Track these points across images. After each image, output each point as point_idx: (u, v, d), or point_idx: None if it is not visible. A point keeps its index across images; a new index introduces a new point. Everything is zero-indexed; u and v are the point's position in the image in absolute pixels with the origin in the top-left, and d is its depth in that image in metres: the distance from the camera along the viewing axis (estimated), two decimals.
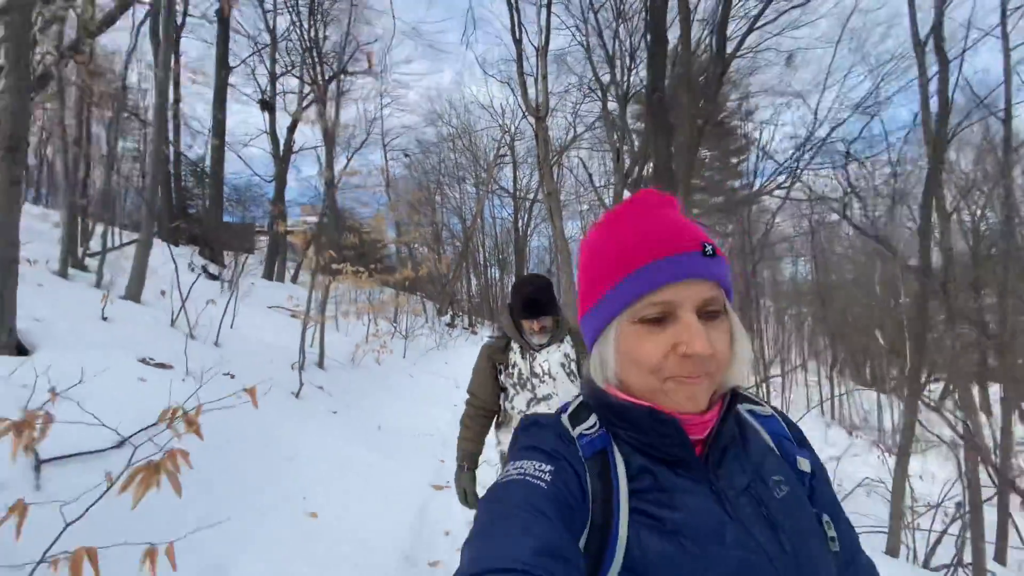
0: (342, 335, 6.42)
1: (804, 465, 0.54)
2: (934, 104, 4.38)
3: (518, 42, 10.19)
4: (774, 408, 0.58)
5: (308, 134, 12.46)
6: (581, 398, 0.56)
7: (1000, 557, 4.39)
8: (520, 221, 21.20)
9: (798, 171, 9.03)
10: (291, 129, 11.07)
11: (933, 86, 4.43)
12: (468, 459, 1.67)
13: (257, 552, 1.70)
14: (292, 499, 2.13)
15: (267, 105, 11.79)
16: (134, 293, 4.18)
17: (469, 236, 17.28)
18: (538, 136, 9.94)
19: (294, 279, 12.51)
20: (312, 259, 4.54)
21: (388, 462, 2.91)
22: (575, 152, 16.62)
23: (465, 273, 20.52)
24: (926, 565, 4.25)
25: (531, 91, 10.42)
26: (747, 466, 0.50)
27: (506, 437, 1.69)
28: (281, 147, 11.00)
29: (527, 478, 0.45)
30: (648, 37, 5.98)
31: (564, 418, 0.53)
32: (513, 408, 1.65)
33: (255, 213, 15.18)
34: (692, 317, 0.46)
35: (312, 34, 12.53)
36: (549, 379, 1.61)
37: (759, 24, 7.97)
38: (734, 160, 19.79)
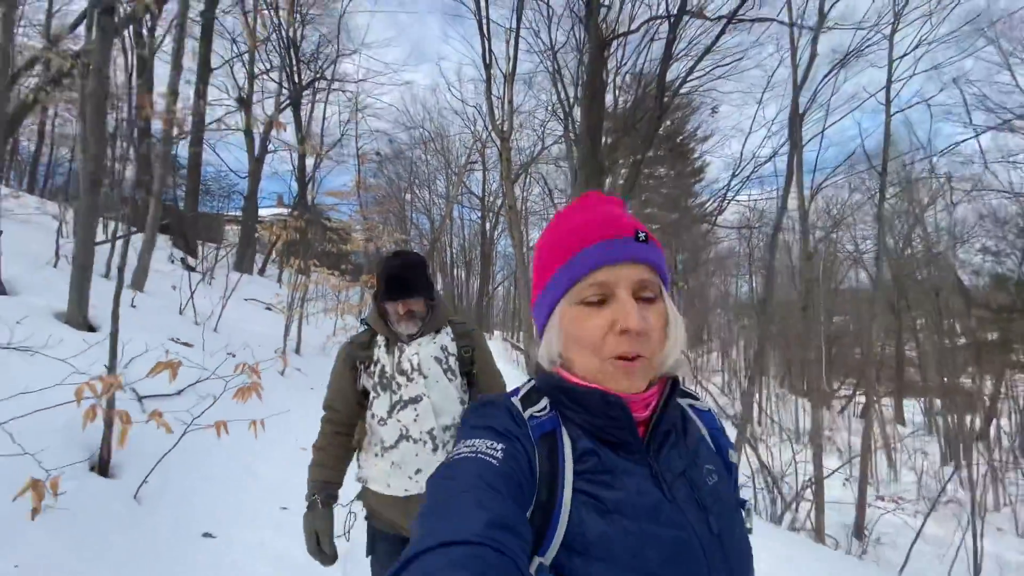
0: (313, 327, 7.29)
1: (733, 457, 0.61)
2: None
3: (488, 66, 11.25)
4: (707, 403, 0.65)
5: (285, 133, 13.15)
6: (533, 382, 0.60)
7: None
8: (488, 224, 22.30)
9: (725, 200, 10.55)
10: (267, 129, 11.72)
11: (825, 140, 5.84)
12: (322, 491, 1.33)
13: (270, 465, 2.69)
14: (287, 439, 3.11)
15: (244, 103, 12.38)
16: (139, 283, 4.99)
17: (436, 238, 18.16)
18: (502, 155, 11.03)
19: (261, 271, 13.11)
20: (293, 262, 5.44)
21: None
22: (544, 164, 17.88)
23: (432, 273, 21.36)
24: (778, 522, 5.62)
25: (499, 111, 11.44)
26: (684, 453, 0.55)
27: (369, 461, 1.35)
28: (256, 146, 11.65)
29: (479, 455, 0.48)
30: (584, 92, 7.14)
31: (515, 400, 0.57)
32: (373, 417, 1.33)
33: (224, 203, 15.62)
34: (627, 296, 0.51)
35: (291, 34, 13.23)
36: (419, 376, 1.32)
37: (692, 77, 9.33)
38: (692, 180, 21.54)
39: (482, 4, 10.85)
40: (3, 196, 6.66)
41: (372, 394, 1.34)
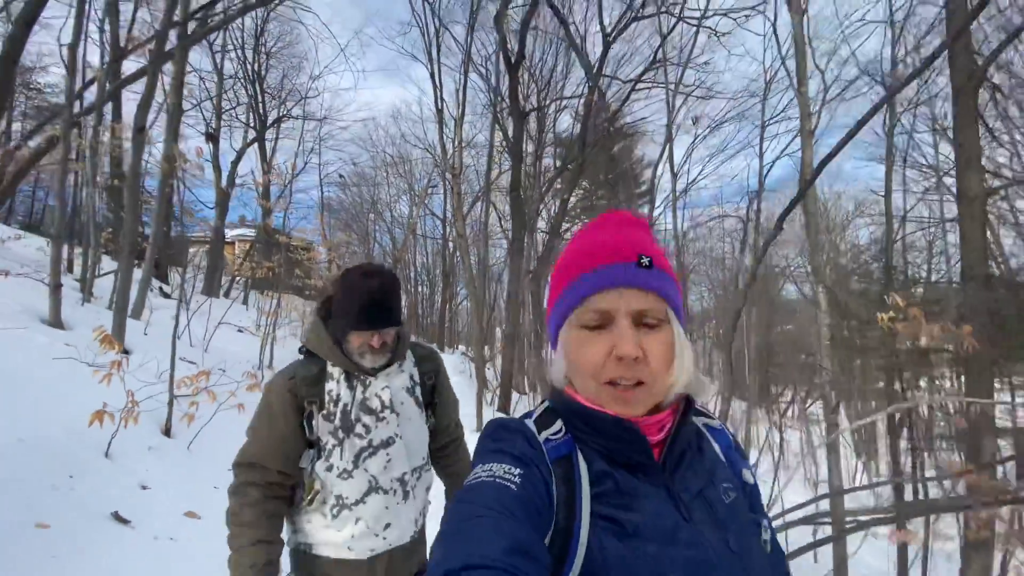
0: (280, 347, 8.68)
1: (748, 477, 0.63)
2: None
3: (440, 111, 12.93)
4: (721, 421, 0.67)
5: (251, 161, 14.50)
6: (547, 403, 0.61)
7: None
8: (450, 243, 23.86)
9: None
10: (235, 163, 13.07)
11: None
12: (269, 566, 1.10)
13: None
14: None
15: (212, 137, 13.68)
16: (138, 312, 6.35)
17: (398, 259, 19.56)
18: (453, 189, 12.69)
19: (227, 294, 14.27)
20: (266, 294, 6.89)
21: None
22: (496, 192, 19.66)
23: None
24: None
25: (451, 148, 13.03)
26: (701, 472, 0.57)
27: (315, 523, 1.17)
28: (224, 179, 12.94)
29: (497, 480, 0.49)
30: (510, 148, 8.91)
31: (530, 423, 0.59)
32: (331, 470, 1.14)
33: (188, 226, 16.68)
34: (624, 322, 0.53)
35: (256, 68, 14.65)
36: (391, 414, 1.17)
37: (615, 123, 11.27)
38: (639, 203, 23.77)
39: (433, 57, 12.61)
40: (7, 238, 7.85)
41: (330, 442, 1.16)
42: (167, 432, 3.45)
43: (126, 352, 4.59)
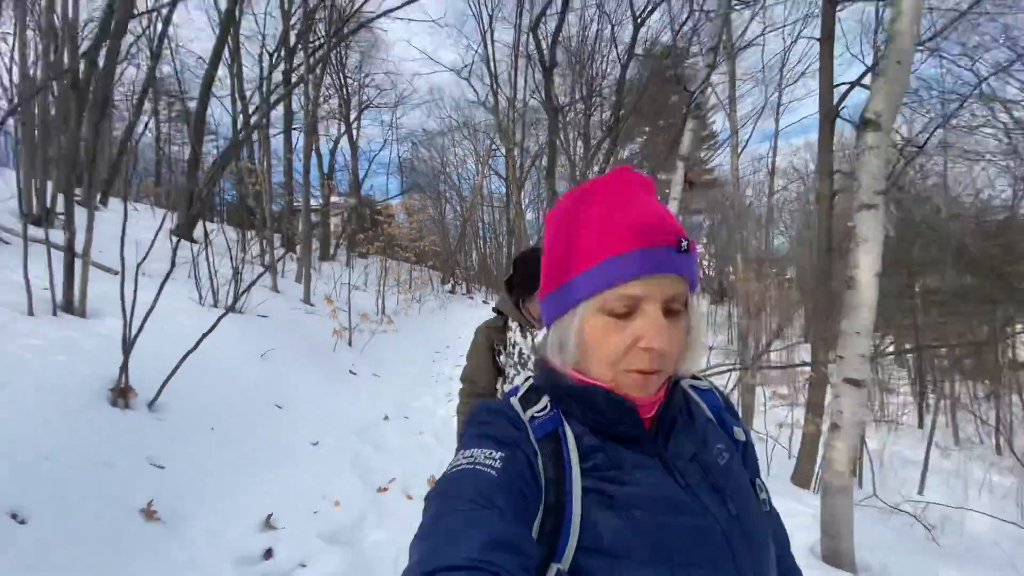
0: (388, 299, 12.32)
1: (739, 435, 0.66)
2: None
3: (495, 92, 15.50)
4: (710, 382, 0.70)
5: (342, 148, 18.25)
6: (531, 380, 0.63)
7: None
8: (512, 199, 26.63)
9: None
10: (332, 151, 16.69)
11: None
12: None
13: (398, 362, 7.61)
14: (397, 356, 8.02)
15: (312, 130, 17.33)
16: (300, 279, 10.07)
17: (467, 218, 22.77)
18: (509, 162, 15.45)
19: (333, 257, 18.44)
20: (381, 261, 10.33)
21: (426, 346, 8.85)
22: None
23: (464, 247, 26.21)
24: None
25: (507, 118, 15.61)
26: (693, 436, 0.60)
27: None
28: (324, 166, 16.64)
29: (476, 467, 0.50)
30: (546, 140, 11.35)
31: (515, 401, 0.60)
32: None
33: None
34: (657, 313, 0.52)
35: (340, 58, 17.93)
36: None
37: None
38: (704, 147, 24.94)
39: (489, 46, 15.08)
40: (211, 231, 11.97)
41: (512, 372, 1.73)
42: (349, 343, 6.90)
43: (311, 304, 8.19)
